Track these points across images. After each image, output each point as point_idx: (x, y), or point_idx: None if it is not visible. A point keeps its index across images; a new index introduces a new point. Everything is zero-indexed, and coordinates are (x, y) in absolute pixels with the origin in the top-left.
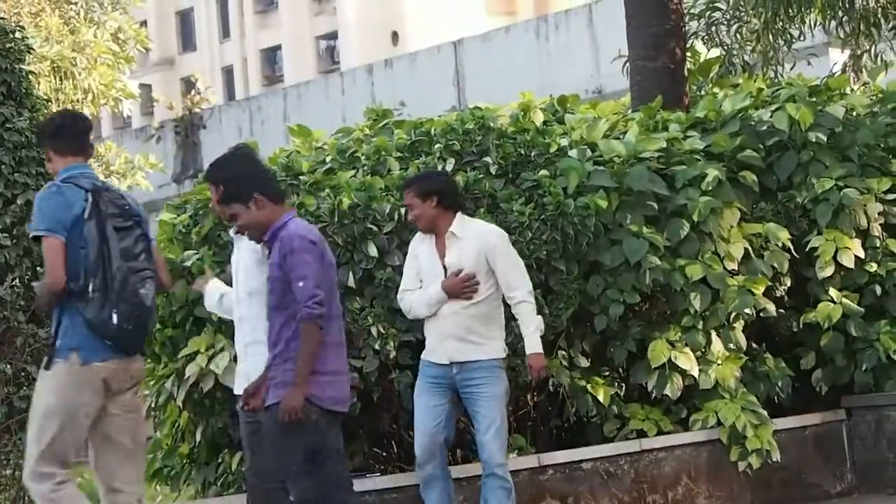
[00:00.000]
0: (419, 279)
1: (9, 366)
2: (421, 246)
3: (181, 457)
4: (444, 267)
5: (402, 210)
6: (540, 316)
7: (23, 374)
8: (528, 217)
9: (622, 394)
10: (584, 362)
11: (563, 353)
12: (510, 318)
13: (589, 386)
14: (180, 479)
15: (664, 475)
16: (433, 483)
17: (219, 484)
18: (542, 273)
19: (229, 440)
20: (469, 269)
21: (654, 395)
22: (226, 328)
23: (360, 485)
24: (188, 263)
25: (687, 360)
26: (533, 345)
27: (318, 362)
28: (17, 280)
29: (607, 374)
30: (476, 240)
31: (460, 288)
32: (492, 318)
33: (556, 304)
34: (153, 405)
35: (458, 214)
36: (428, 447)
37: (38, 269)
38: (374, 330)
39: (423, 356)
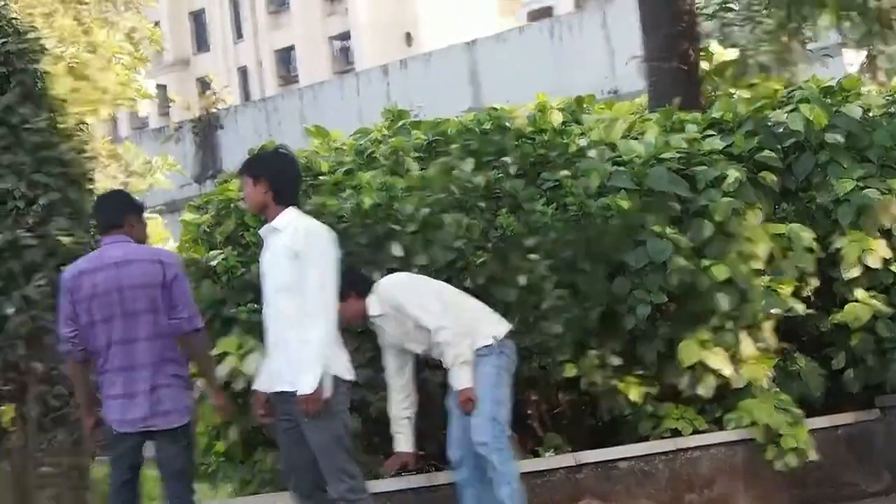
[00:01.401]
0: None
1: (40, 364)
2: None
3: (217, 455)
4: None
5: (425, 210)
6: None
7: (54, 372)
8: (551, 217)
9: (656, 393)
10: (615, 361)
11: (595, 352)
12: (539, 318)
13: (621, 385)
14: (217, 477)
15: (700, 474)
16: (466, 488)
17: (255, 482)
18: (568, 273)
19: (264, 439)
20: (400, 328)
21: (685, 395)
22: (254, 328)
23: (395, 483)
24: (213, 263)
25: (718, 360)
26: None
27: (101, 386)
28: (45, 279)
29: (640, 373)
30: (389, 313)
31: None
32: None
33: (585, 304)
34: None
35: (369, 297)
36: (455, 451)
37: (63, 267)
38: None
39: None
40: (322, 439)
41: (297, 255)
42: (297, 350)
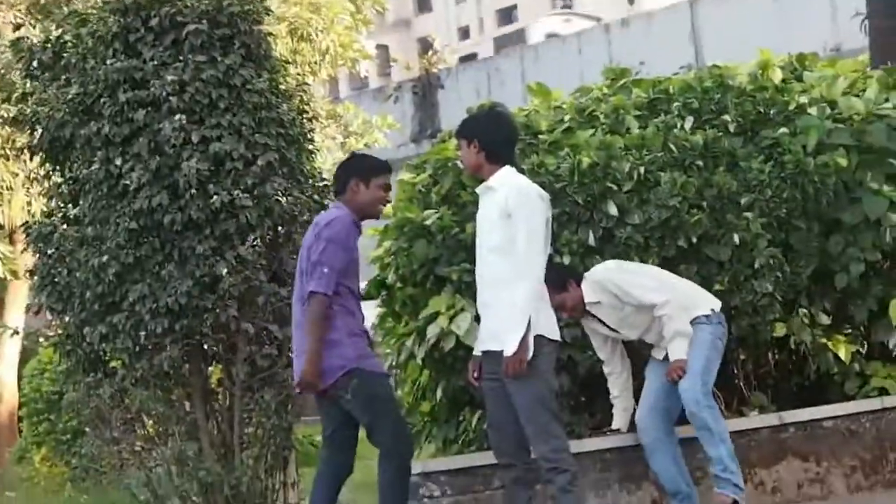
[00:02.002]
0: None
1: (251, 325)
2: None
3: (422, 415)
4: None
5: (642, 169)
6: None
7: (264, 332)
8: (768, 175)
9: (864, 352)
10: (825, 320)
11: (804, 310)
12: (750, 277)
13: (830, 343)
14: (421, 437)
15: None
16: (655, 451)
17: (460, 442)
18: (782, 231)
19: (470, 399)
20: (615, 315)
21: (895, 354)
22: (466, 288)
23: (599, 443)
24: (428, 222)
25: None
26: None
27: None
28: (258, 240)
29: (848, 331)
30: (604, 300)
31: None
32: None
33: (797, 262)
34: (394, 363)
35: (583, 285)
36: (644, 416)
37: (278, 228)
38: None
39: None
40: (526, 399)
41: (510, 214)
42: (505, 310)
